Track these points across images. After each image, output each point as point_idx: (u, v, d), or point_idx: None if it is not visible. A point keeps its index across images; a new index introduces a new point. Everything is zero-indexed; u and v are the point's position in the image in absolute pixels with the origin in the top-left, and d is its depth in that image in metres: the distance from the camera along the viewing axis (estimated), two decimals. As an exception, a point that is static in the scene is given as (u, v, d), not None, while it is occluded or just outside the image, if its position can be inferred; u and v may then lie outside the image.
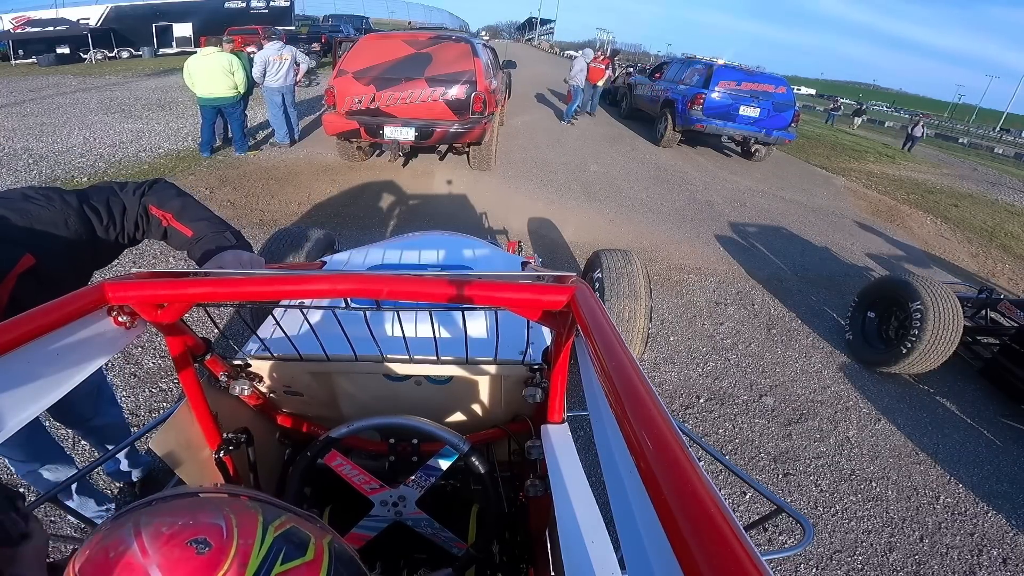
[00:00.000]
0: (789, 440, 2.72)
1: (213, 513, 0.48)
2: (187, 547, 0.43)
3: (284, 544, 0.47)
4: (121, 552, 0.43)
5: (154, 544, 0.43)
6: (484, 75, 5.77)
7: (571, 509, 0.68)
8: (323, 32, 21.05)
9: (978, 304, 3.56)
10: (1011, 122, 77.27)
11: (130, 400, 2.47)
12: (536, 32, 68.47)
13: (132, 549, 0.43)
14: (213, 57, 5.87)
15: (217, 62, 5.86)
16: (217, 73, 5.87)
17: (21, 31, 18.26)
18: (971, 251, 6.52)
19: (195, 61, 5.93)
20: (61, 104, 9.15)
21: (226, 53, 5.98)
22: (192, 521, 0.46)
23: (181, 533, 0.45)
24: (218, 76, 5.89)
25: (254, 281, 0.75)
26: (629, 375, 0.47)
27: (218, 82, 5.91)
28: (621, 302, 2.55)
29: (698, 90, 8.75)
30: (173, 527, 0.45)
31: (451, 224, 4.65)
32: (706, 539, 0.29)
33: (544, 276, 0.81)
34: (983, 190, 11.01)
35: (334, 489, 1.11)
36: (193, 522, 0.46)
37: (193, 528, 0.45)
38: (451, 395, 1.24)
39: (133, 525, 0.46)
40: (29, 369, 0.64)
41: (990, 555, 2.22)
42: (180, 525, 0.46)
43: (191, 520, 0.46)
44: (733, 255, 5.12)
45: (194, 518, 0.47)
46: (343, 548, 0.55)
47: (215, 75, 5.88)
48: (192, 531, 0.45)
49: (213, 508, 0.49)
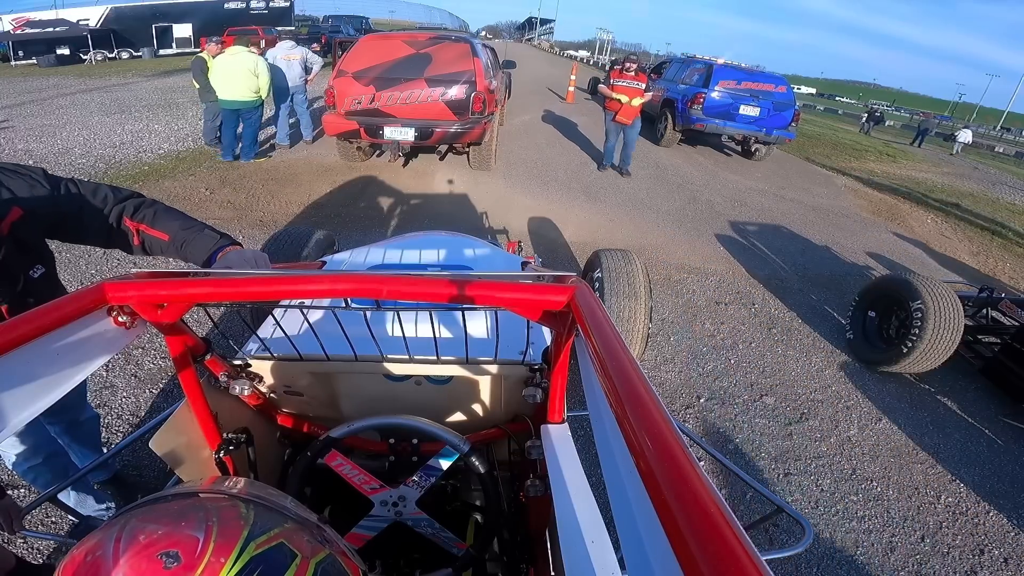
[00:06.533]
0: (790, 440, 2.72)
1: (197, 523, 0.47)
2: (155, 560, 0.43)
3: (260, 564, 0.46)
4: (98, 557, 0.44)
5: (127, 552, 0.43)
6: (484, 75, 5.77)
7: (571, 509, 0.68)
8: (323, 32, 21.07)
9: (979, 303, 3.55)
10: (1011, 121, 77.14)
11: (130, 400, 2.47)
12: (536, 32, 68.49)
13: (107, 556, 0.43)
14: (239, 57, 5.70)
15: (243, 63, 5.70)
16: (241, 75, 5.70)
17: (21, 32, 18.29)
18: (972, 250, 6.51)
19: (220, 61, 5.75)
20: (61, 105, 9.16)
21: (253, 54, 5.82)
22: (172, 530, 0.46)
23: (156, 543, 0.44)
24: (241, 78, 5.71)
25: (254, 281, 0.75)
26: (629, 375, 0.47)
27: (241, 84, 5.73)
28: (621, 302, 2.55)
29: (698, 89, 8.74)
30: (152, 536, 0.45)
31: (451, 224, 4.65)
32: (706, 539, 0.29)
33: (544, 276, 0.81)
34: (984, 189, 11.00)
35: (334, 489, 1.11)
36: (173, 531, 0.46)
37: (169, 539, 0.45)
38: (451, 395, 1.24)
39: (118, 529, 0.46)
40: (29, 369, 0.64)
41: (991, 555, 2.21)
42: (159, 535, 0.45)
43: (172, 529, 0.46)
44: (733, 254, 5.12)
45: (175, 527, 0.46)
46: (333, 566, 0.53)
47: (239, 76, 5.70)
48: (167, 542, 0.45)
49: (200, 517, 0.48)
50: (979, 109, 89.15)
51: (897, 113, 46.77)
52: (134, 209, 1.22)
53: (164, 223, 1.22)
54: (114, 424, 2.34)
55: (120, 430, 2.31)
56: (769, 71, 9.74)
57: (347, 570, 0.55)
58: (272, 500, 0.57)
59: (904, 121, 27.76)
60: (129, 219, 1.21)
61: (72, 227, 1.20)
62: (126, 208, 1.22)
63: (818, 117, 29.68)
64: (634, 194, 6.57)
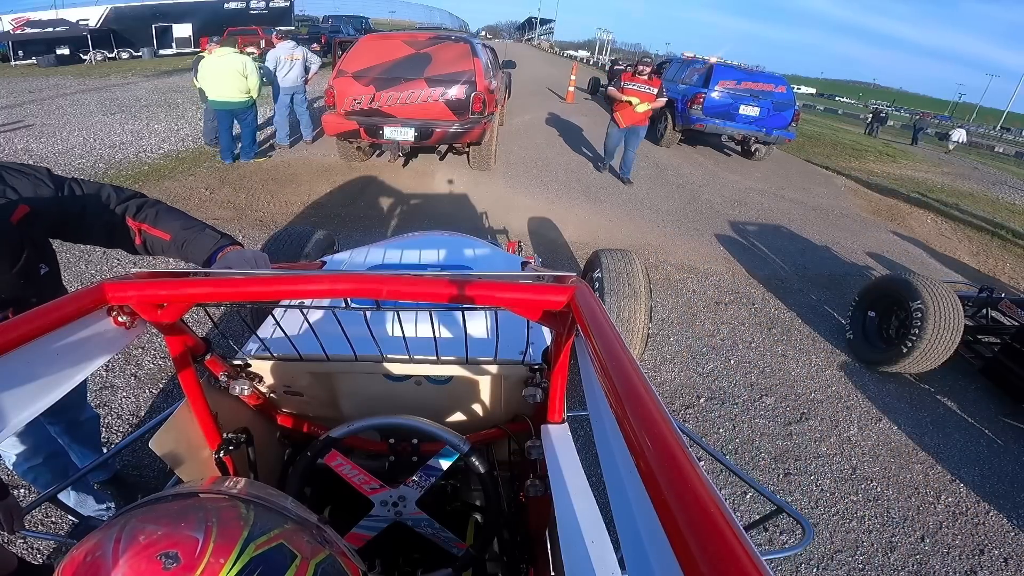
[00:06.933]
0: (790, 440, 2.72)
1: (197, 523, 0.47)
2: (154, 560, 0.43)
3: (260, 565, 0.46)
4: (97, 557, 0.44)
5: (126, 553, 0.44)
6: (484, 75, 5.77)
7: (571, 509, 0.68)
8: (323, 32, 21.06)
9: (979, 303, 3.55)
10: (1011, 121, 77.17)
11: (130, 401, 2.47)
12: (536, 32, 68.53)
13: (107, 556, 0.44)
14: (227, 58, 5.68)
15: (231, 64, 5.67)
16: (229, 75, 5.66)
17: (21, 32, 18.29)
18: (972, 250, 6.51)
19: (208, 61, 5.73)
20: (61, 105, 9.16)
21: (241, 55, 5.80)
22: (172, 531, 0.46)
23: (156, 544, 0.44)
24: (230, 79, 5.67)
25: (254, 281, 0.75)
26: (629, 375, 0.47)
27: (229, 85, 5.69)
28: (621, 302, 2.55)
29: (698, 89, 8.75)
30: (152, 536, 0.45)
31: (451, 224, 4.65)
32: (706, 539, 0.29)
33: (544, 276, 0.81)
34: (984, 189, 11.00)
35: (334, 489, 1.11)
36: (173, 532, 0.46)
37: (169, 539, 0.45)
38: (451, 395, 1.24)
39: (118, 529, 0.46)
40: (29, 369, 0.64)
41: (991, 555, 2.22)
42: (159, 535, 0.45)
43: (172, 530, 0.46)
44: (733, 254, 5.12)
45: (175, 528, 0.46)
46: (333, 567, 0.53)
47: (227, 77, 5.66)
48: (167, 543, 0.45)
49: (200, 517, 0.48)
50: (979, 109, 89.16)
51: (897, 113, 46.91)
52: (136, 209, 1.23)
53: (166, 223, 1.23)
54: (114, 424, 2.34)
55: (120, 430, 2.31)
56: (769, 71, 9.74)
57: (347, 571, 0.55)
58: (272, 501, 0.57)
59: (904, 121, 27.84)
60: (131, 219, 1.22)
61: (75, 226, 1.21)
62: (128, 208, 1.22)
63: (818, 117, 29.67)
64: (634, 194, 6.57)
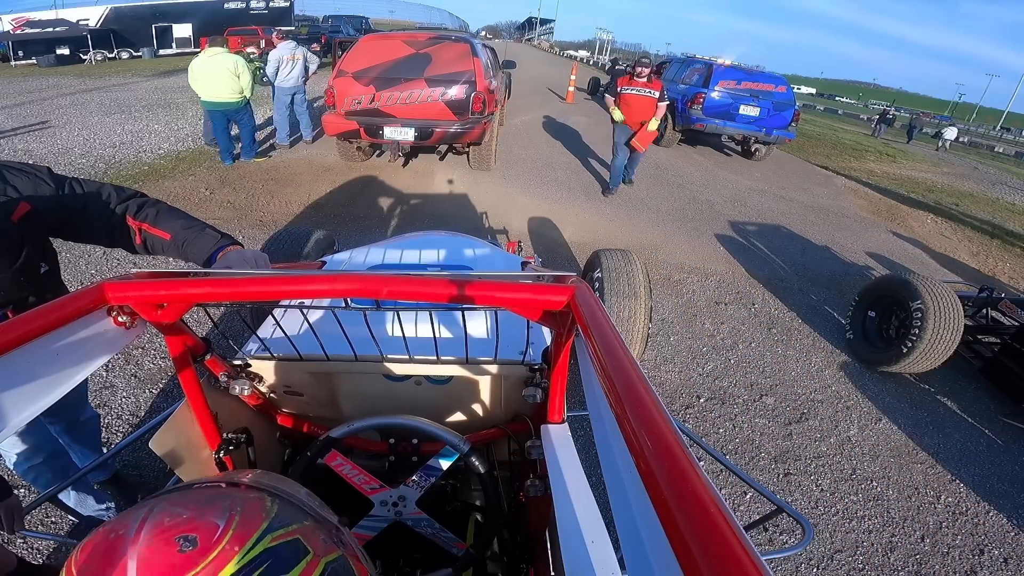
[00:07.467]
0: (789, 440, 2.72)
1: (222, 511, 0.49)
2: (173, 542, 0.44)
3: (271, 557, 0.47)
4: (120, 534, 0.45)
5: (149, 533, 0.45)
6: (484, 75, 5.77)
7: (571, 509, 0.68)
8: (323, 32, 21.05)
9: (979, 303, 3.55)
10: (1011, 121, 77.14)
11: (130, 401, 2.47)
12: (536, 32, 68.54)
13: (129, 535, 0.45)
14: (218, 58, 5.66)
15: (222, 64, 5.65)
16: (221, 75, 5.65)
17: (21, 32, 18.28)
18: (971, 250, 6.51)
19: (199, 62, 5.72)
20: (61, 105, 9.15)
21: (232, 54, 5.79)
22: (197, 516, 0.47)
23: (179, 526, 0.46)
24: (222, 79, 5.66)
25: (254, 281, 0.75)
26: (629, 375, 0.47)
27: (221, 85, 5.68)
28: (621, 302, 2.55)
29: (698, 89, 8.75)
30: (177, 518, 0.46)
31: (451, 224, 4.65)
32: (706, 539, 0.29)
33: (544, 276, 0.81)
34: (983, 189, 11.00)
35: (334, 489, 1.11)
36: (197, 517, 0.47)
37: (191, 524, 0.46)
38: (451, 395, 1.24)
39: (148, 510, 0.47)
40: (29, 369, 0.64)
41: (991, 555, 2.22)
42: (184, 518, 0.47)
43: (196, 515, 0.47)
44: (733, 254, 5.12)
45: (200, 513, 0.48)
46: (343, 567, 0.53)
47: (219, 77, 5.65)
48: (189, 527, 0.46)
49: (226, 505, 0.50)
50: (979, 109, 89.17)
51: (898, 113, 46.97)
52: (137, 208, 1.23)
53: (166, 222, 1.23)
54: (114, 424, 2.34)
55: (120, 430, 2.31)
56: (769, 71, 9.75)
57: (356, 573, 0.56)
58: (299, 499, 0.58)
59: (904, 121, 27.93)
60: (132, 218, 1.22)
61: (76, 225, 1.21)
62: (129, 207, 1.23)
63: (818, 117, 29.68)
64: (634, 194, 6.56)
